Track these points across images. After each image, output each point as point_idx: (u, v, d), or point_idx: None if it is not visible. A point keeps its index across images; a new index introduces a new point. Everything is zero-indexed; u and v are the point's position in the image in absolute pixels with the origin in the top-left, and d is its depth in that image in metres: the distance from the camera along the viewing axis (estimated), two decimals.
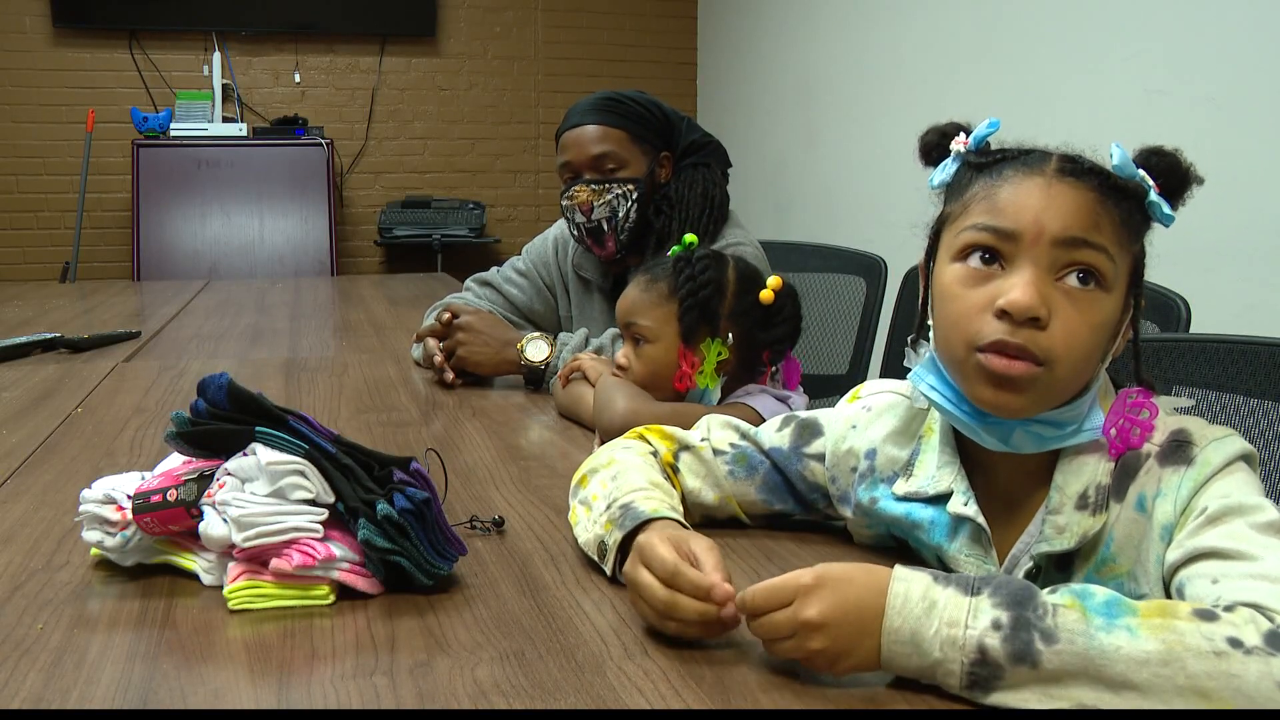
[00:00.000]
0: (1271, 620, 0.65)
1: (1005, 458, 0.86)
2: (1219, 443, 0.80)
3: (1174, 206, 0.84)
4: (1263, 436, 1.11)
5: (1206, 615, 0.65)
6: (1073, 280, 0.79)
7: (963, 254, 0.83)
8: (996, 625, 0.67)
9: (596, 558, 0.91)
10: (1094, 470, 0.83)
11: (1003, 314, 0.79)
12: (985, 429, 0.85)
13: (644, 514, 0.87)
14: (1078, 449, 0.84)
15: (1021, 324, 0.78)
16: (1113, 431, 0.82)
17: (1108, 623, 0.65)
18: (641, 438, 1.04)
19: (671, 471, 1.01)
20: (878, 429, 0.96)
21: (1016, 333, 0.79)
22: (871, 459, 0.96)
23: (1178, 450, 0.80)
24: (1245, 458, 0.79)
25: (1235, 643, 0.63)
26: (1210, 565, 0.73)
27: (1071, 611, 0.66)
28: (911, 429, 0.95)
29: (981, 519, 0.87)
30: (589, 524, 0.93)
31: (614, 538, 0.88)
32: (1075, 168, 0.81)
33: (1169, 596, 0.77)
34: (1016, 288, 0.78)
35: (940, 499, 0.90)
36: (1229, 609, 0.66)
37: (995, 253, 0.81)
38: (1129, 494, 0.82)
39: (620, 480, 0.94)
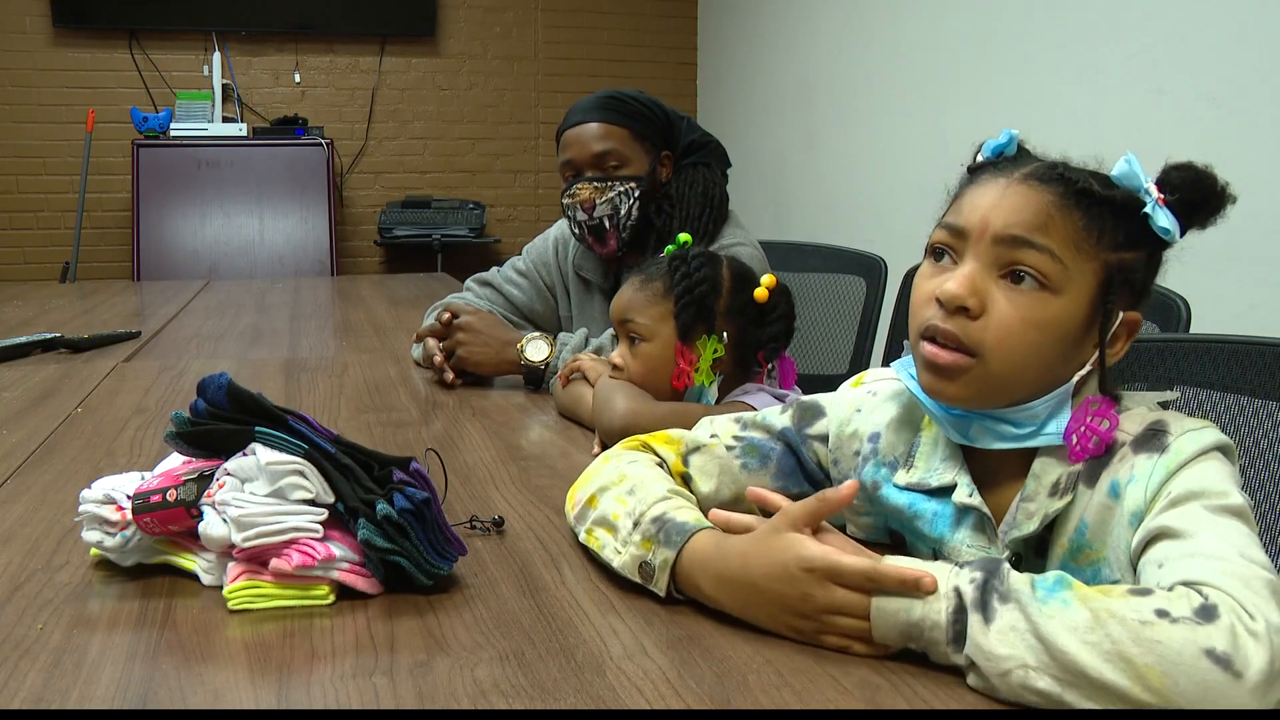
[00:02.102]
0: (1203, 595, 0.66)
1: (991, 449, 0.87)
2: (1195, 433, 0.80)
3: (1199, 223, 0.84)
4: (1266, 437, 1.11)
5: (1139, 592, 0.68)
6: (1013, 278, 0.82)
7: (930, 251, 0.88)
8: (971, 580, 0.71)
9: (640, 580, 0.86)
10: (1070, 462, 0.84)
11: (939, 302, 0.83)
12: (949, 421, 0.88)
13: (690, 527, 0.84)
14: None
15: (953, 313, 0.82)
16: (1073, 439, 0.83)
17: (1047, 594, 0.68)
18: (645, 447, 1.01)
19: (682, 481, 0.99)
20: (881, 414, 0.97)
21: (947, 320, 0.83)
22: (875, 442, 0.97)
23: (1152, 438, 0.81)
24: (1221, 449, 0.80)
25: (1162, 613, 0.65)
26: (1159, 549, 0.75)
27: (1023, 582, 0.70)
28: (913, 419, 0.95)
29: (986, 509, 0.88)
30: (619, 546, 0.88)
31: (662, 556, 0.84)
32: (1045, 173, 0.83)
33: (1136, 583, 0.78)
34: (952, 278, 0.83)
35: (942, 491, 0.91)
36: (1168, 589, 0.68)
37: (951, 249, 0.86)
38: (1101, 479, 0.82)
39: (639, 494, 0.90)
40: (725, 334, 1.32)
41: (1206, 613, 0.65)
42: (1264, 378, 1.12)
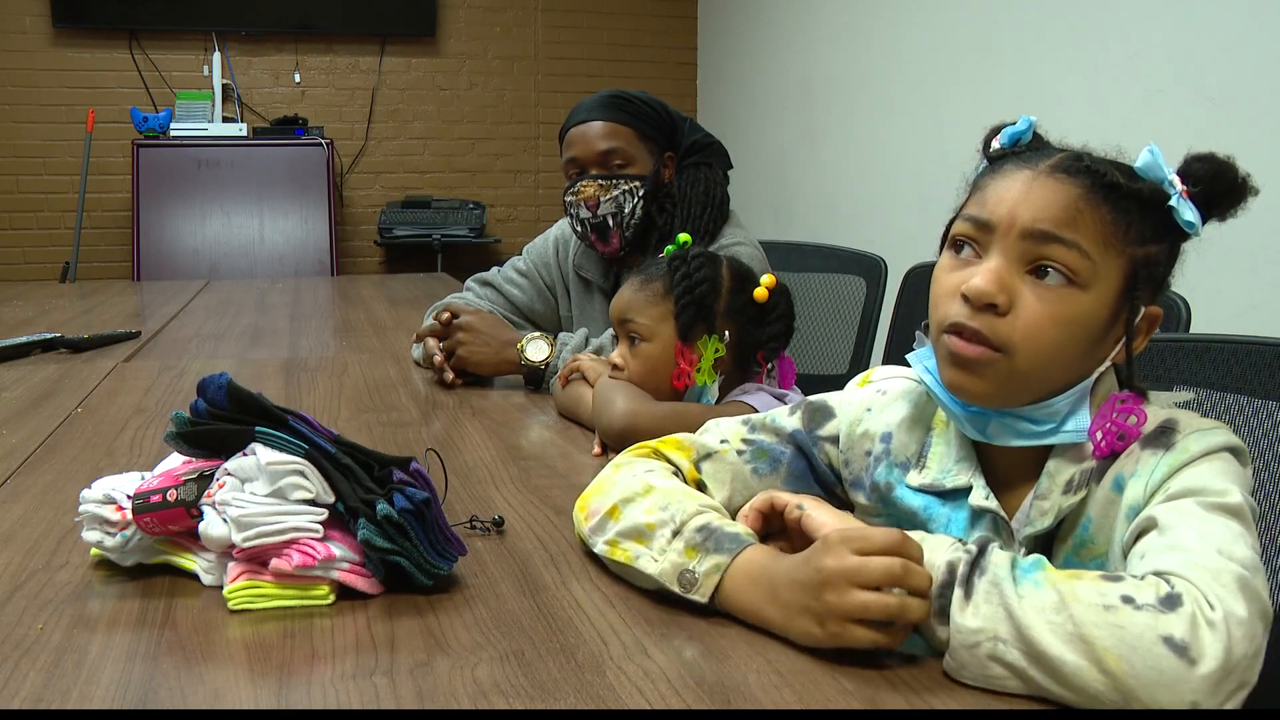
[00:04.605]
0: (1170, 584, 0.67)
1: (1004, 447, 0.87)
2: (1203, 433, 0.80)
3: (1219, 215, 0.83)
4: (1266, 437, 1.11)
5: (1110, 578, 0.69)
6: (1040, 273, 0.81)
7: (952, 243, 0.86)
8: (963, 558, 0.72)
9: (678, 588, 0.82)
10: (1086, 459, 0.84)
11: (965, 298, 0.81)
12: (967, 417, 0.87)
13: (744, 539, 0.82)
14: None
15: (981, 309, 0.81)
16: (1098, 435, 0.82)
17: (1022, 575, 0.70)
18: (657, 454, 0.99)
19: (698, 488, 0.97)
20: (892, 413, 0.96)
21: (974, 317, 0.81)
22: (887, 442, 0.95)
23: (1161, 435, 0.81)
24: (1231, 450, 0.79)
25: (1127, 599, 0.66)
26: (1144, 541, 0.75)
27: (1003, 559, 0.71)
28: (925, 417, 0.94)
29: (1003, 512, 0.87)
30: (656, 554, 0.84)
31: (712, 561, 0.81)
32: (1072, 165, 0.82)
33: None
34: (979, 274, 0.81)
35: (957, 493, 0.90)
36: (1139, 578, 0.69)
37: (975, 242, 0.84)
38: (1108, 475, 0.82)
39: (675, 507, 0.86)
40: (726, 334, 1.32)
41: (1170, 601, 0.66)
42: (1264, 378, 1.12)
